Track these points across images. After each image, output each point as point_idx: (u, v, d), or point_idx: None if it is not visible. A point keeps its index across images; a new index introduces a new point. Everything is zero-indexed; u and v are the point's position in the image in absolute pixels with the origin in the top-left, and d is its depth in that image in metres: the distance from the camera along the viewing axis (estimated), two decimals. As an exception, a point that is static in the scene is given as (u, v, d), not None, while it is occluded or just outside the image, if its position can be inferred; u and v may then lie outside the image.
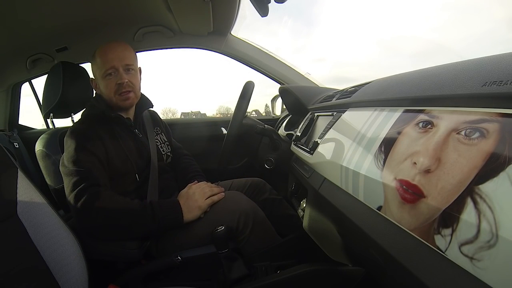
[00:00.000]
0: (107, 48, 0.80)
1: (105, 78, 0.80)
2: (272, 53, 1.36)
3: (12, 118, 1.42)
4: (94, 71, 0.84)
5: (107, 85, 0.80)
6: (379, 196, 0.38)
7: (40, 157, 0.95)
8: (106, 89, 0.81)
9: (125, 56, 0.80)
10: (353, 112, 0.59)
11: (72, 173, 0.70)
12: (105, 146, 0.76)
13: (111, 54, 0.79)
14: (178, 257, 0.73)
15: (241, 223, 0.76)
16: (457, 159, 0.28)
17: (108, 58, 0.79)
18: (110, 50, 0.80)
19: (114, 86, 0.79)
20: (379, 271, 0.44)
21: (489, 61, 0.32)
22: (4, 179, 0.55)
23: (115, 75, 0.79)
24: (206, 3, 0.90)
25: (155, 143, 0.91)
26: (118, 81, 0.79)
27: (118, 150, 0.79)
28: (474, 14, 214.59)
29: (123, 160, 0.79)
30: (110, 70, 0.79)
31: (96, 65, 0.81)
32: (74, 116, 1.14)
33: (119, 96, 0.81)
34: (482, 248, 0.24)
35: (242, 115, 0.95)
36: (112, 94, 0.80)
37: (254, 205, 0.81)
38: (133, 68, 0.83)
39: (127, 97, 0.81)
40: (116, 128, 0.81)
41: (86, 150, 0.73)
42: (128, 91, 0.81)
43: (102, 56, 0.80)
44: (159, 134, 0.98)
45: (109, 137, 0.78)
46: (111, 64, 0.78)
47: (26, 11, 0.91)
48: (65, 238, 0.57)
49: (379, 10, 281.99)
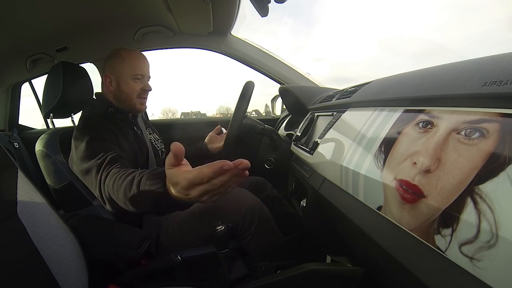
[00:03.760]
0: (136, 54, 0.88)
1: (133, 80, 0.86)
2: (272, 53, 1.36)
3: (12, 118, 1.43)
4: (117, 68, 0.86)
5: (133, 87, 0.87)
6: (379, 196, 0.38)
7: (40, 157, 0.95)
8: (129, 89, 0.87)
9: (149, 68, 0.91)
10: (353, 112, 0.59)
11: (92, 166, 0.67)
12: (115, 135, 0.79)
13: (143, 62, 0.88)
14: (178, 257, 0.73)
15: (247, 219, 0.76)
16: (457, 159, 0.28)
17: (140, 65, 0.87)
18: (141, 58, 0.88)
19: (138, 90, 0.87)
20: (379, 271, 0.44)
21: (489, 61, 0.32)
22: (4, 179, 0.55)
23: (141, 81, 0.88)
24: (206, 3, 0.91)
25: (149, 140, 0.97)
26: (144, 87, 0.88)
27: (125, 144, 0.81)
28: (474, 14, 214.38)
29: (128, 154, 0.81)
30: (140, 76, 0.87)
31: (124, 65, 0.85)
32: (74, 116, 1.14)
33: (139, 99, 0.89)
34: (482, 248, 0.24)
35: (242, 115, 0.95)
36: (134, 95, 0.87)
37: (260, 202, 0.82)
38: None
39: (144, 102, 0.91)
40: (120, 124, 0.85)
41: (98, 139, 0.72)
42: (146, 98, 0.91)
43: (133, 60, 0.86)
44: (152, 134, 1.05)
45: (117, 131, 0.81)
46: (142, 71, 0.87)
47: (26, 11, 0.91)
48: (65, 238, 0.57)
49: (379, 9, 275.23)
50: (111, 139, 0.76)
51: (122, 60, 0.85)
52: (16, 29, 1.00)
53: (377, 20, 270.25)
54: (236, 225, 0.75)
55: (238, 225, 0.75)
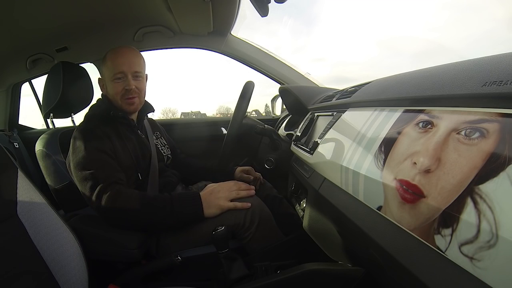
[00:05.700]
0: (118, 52, 0.83)
1: (113, 81, 0.82)
2: (272, 53, 1.36)
3: (12, 118, 1.43)
4: (103, 72, 0.86)
5: (114, 88, 0.82)
6: (379, 196, 0.38)
7: (40, 157, 0.95)
8: (113, 92, 0.83)
9: (135, 63, 0.83)
10: (353, 112, 0.59)
11: (87, 177, 0.70)
12: (112, 143, 0.78)
13: (122, 59, 0.81)
14: (178, 257, 0.72)
15: (248, 219, 0.76)
16: (457, 159, 0.28)
17: (119, 63, 0.81)
18: (121, 55, 0.82)
19: (121, 90, 0.82)
20: (379, 271, 0.44)
21: (489, 61, 0.32)
22: (4, 179, 0.55)
23: (123, 80, 0.82)
24: (206, 3, 0.91)
25: (155, 144, 0.94)
26: (126, 87, 0.82)
27: (123, 148, 0.80)
28: (474, 14, 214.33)
29: (128, 158, 0.81)
30: (119, 75, 0.81)
31: (106, 67, 0.83)
32: (74, 116, 1.14)
33: (125, 100, 0.83)
34: (482, 248, 0.24)
35: (242, 115, 0.95)
36: (118, 97, 0.83)
37: (260, 201, 0.82)
38: (141, 76, 0.85)
39: (132, 102, 0.84)
40: (120, 127, 0.84)
41: (96, 149, 0.74)
42: (133, 97, 0.83)
43: (114, 60, 0.82)
44: (159, 138, 1.02)
45: (115, 135, 0.80)
46: (121, 69, 0.81)
47: (26, 11, 0.91)
48: (65, 238, 0.57)
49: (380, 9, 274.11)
50: (110, 149, 0.76)
51: (105, 62, 0.84)
52: (16, 29, 1.00)
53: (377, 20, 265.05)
54: (237, 224, 0.75)
55: (238, 225, 0.75)
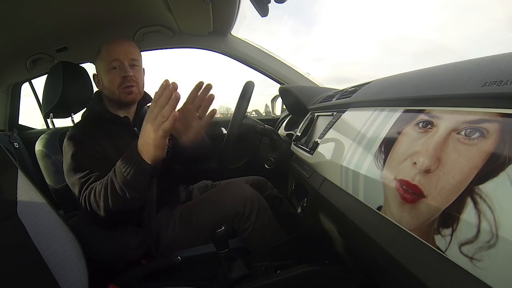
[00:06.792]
0: (113, 43, 0.80)
1: (110, 72, 0.78)
2: (272, 53, 1.36)
3: (12, 118, 1.43)
4: (98, 65, 0.83)
5: (111, 79, 0.78)
6: (379, 196, 0.38)
7: (40, 157, 0.95)
8: (109, 83, 0.79)
9: (131, 51, 0.80)
10: (353, 112, 0.59)
11: (74, 182, 0.69)
12: (102, 145, 0.75)
13: (117, 48, 0.79)
14: (178, 257, 0.73)
15: (248, 208, 0.77)
16: (457, 159, 0.28)
17: (114, 51, 0.78)
18: (116, 45, 0.79)
19: (118, 80, 0.78)
20: (379, 271, 0.44)
21: (489, 61, 0.32)
22: (4, 179, 0.55)
23: (120, 69, 0.78)
24: (206, 3, 0.91)
25: None
26: (123, 74, 0.78)
27: (115, 149, 0.77)
28: (474, 14, 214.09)
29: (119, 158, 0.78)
30: (115, 63, 0.78)
31: (101, 59, 0.80)
32: (74, 116, 1.14)
33: (123, 89, 0.79)
34: (482, 248, 0.24)
35: (242, 115, 0.95)
36: (115, 88, 0.78)
37: (258, 193, 0.83)
38: (138, 65, 0.82)
39: (130, 90, 0.79)
40: (112, 128, 0.80)
41: (82, 155, 0.72)
42: (131, 85, 0.79)
43: (108, 49, 0.79)
44: None
45: (105, 138, 0.77)
46: (116, 56, 0.77)
47: (26, 11, 0.91)
48: (65, 238, 0.57)
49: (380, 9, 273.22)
50: (97, 152, 0.73)
51: (99, 55, 0.81)
52: (16, 29, 1.00)
53: (377, 20, 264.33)
54: (236, 214, 0.76)
55: (238, 214, 0.76)
